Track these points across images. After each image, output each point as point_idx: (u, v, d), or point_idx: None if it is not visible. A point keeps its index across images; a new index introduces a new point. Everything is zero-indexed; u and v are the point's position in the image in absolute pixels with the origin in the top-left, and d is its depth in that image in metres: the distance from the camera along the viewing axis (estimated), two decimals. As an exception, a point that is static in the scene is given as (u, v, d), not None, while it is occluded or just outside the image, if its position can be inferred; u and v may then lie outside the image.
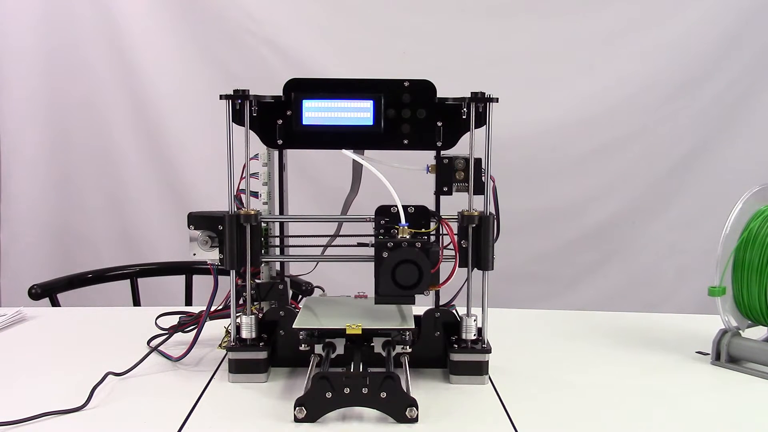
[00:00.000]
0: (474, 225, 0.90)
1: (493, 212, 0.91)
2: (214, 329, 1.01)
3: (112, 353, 0.99)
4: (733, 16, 2.18)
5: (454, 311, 0.96)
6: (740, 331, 1.02)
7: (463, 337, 0.93)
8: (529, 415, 0.83)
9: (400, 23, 2.19)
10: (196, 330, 0.98)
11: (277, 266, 0.99)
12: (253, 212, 0.91)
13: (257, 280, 0.96)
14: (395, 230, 0.87)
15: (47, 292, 1.50)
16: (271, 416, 0.81)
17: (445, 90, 0.93)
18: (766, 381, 0.95)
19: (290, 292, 0.99)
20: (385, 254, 0.83)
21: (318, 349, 0.87)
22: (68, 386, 0.87)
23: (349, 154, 0.92)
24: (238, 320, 0.93)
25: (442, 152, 0.93)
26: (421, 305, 0.91)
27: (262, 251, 0.94)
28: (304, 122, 0.92)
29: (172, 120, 2.28)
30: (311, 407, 0.78)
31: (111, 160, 2.30)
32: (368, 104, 0.91)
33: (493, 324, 0.94)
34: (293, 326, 0.88)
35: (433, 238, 0.93)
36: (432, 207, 0.93)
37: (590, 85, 2.22)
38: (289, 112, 0.92)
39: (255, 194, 0.95)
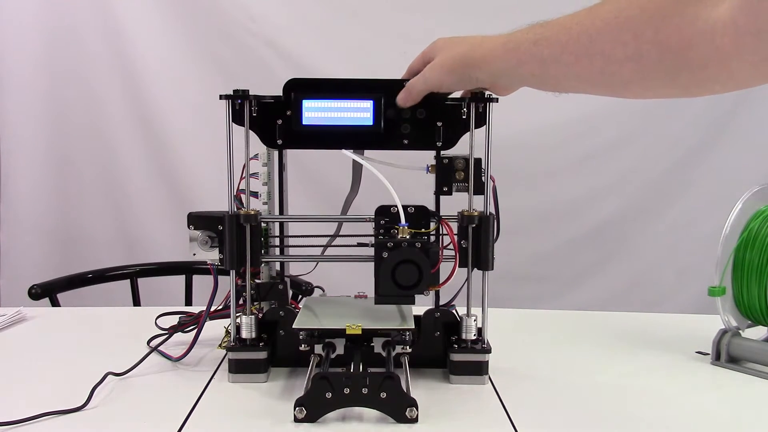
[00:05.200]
0: (474, 225, 0.90)
1: (493, 212, 0.91)
2: (214, 329, 1.01)
3: (112, 353, 0.99)
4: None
5: (454, 311, 0.96)
6: (740, 331, 1.02)
7: (463, 337, 0.93)
8: (529, 415, 0.83)
9: (400, 23, 2.19)
10: (196, 330, 0.98)
11: (277, 266, 0.99)
12: (253, 212, 0.90)
13: (257, 280, 0.96)
14: (395, 230, 0.87)
15: (47, 292, 1.50)
16: (271, 416, 0.81)
17: (445, 90, 0.93)
18: (766, 381, 0.95)
19: (290, 292, 0.99)
20: (385, 254, 0.83)
21: (318, 349, 0.87)
22: (68, 386, 0.87)
23: (349, 154, 0.92)
24: (238, 320, 0.93)
25: (442, 152, 0.93)
26: (421, 305, 0.91)
27: (262, 251, 0.94)
28: (304, 122, 0.92)
29: (172, 120, 2.28)
30: (311, 407, 0.78)
31: (111, 160, 2.30)
32: (368, 104, 0.91)
33: (493, 324, 0.94)
34: (293, 326, 0.88)
35: (433, 238, 0.93)
36: (432, 207, 0.93)
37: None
38: (288, 112, 0.92)
39: (255, 194, 0.95)
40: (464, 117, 0.91)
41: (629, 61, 0.66)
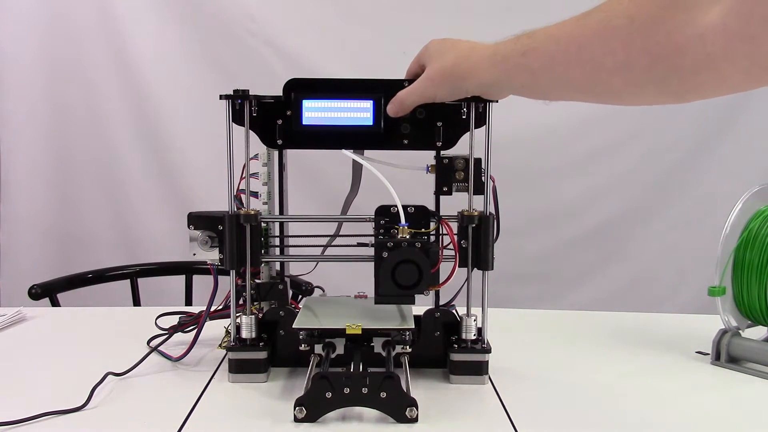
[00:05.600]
0: (474, 225, 0.90)
1: (493, 212, 0.91)
2: (214, 329, 1.01)
3: (112, 353, 0.99)
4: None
5: (454, 311, 0.96)
6: (740, 331, 1.02)
7: (463, 337, 0.93)
8: (529, 415, 0.83)
9: (400, 23, 2.19)
10: (196, 330, 0.98)
11: (277, 266, 0.99)
12: (253, 212, 0.90)
13: (257, 280, 0.96)
14: (395, 230, 0.87)
15: (47, 292, 1.50)
16: (271, 416, 0.81)
17: (445, 90, 0.93)
18: (766, 381, 0.95)
19: (290, 292, 0.99)
20: (385, 254, 0.83)
21: (318, 349, 0.87)
22: (68, 386, 0.87)
23: (349, 154, 0.92)
24: (238, 320, 0.93)
25: (442, 152, 0.93)
26: (421, 305, 0.91)
27: (262, 251, 0.94)
28: (304, 122, 0.92)
29: (172, 120, 2.28)
30: (311, 407, 0.78)
31: (111, 160, 2.30)
32: (368, 104, 0.91)
33: (493, 324, 0.94)
34: (293, 326, 0.88)
35: (433, 238, 0.93)
36: (432, 207, 0.93)
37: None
38: (289, 112, 0.92)
39: (255, 194, 0.95)
40: (464, 117, 0.91)
41: (619, 70, 0.66)
